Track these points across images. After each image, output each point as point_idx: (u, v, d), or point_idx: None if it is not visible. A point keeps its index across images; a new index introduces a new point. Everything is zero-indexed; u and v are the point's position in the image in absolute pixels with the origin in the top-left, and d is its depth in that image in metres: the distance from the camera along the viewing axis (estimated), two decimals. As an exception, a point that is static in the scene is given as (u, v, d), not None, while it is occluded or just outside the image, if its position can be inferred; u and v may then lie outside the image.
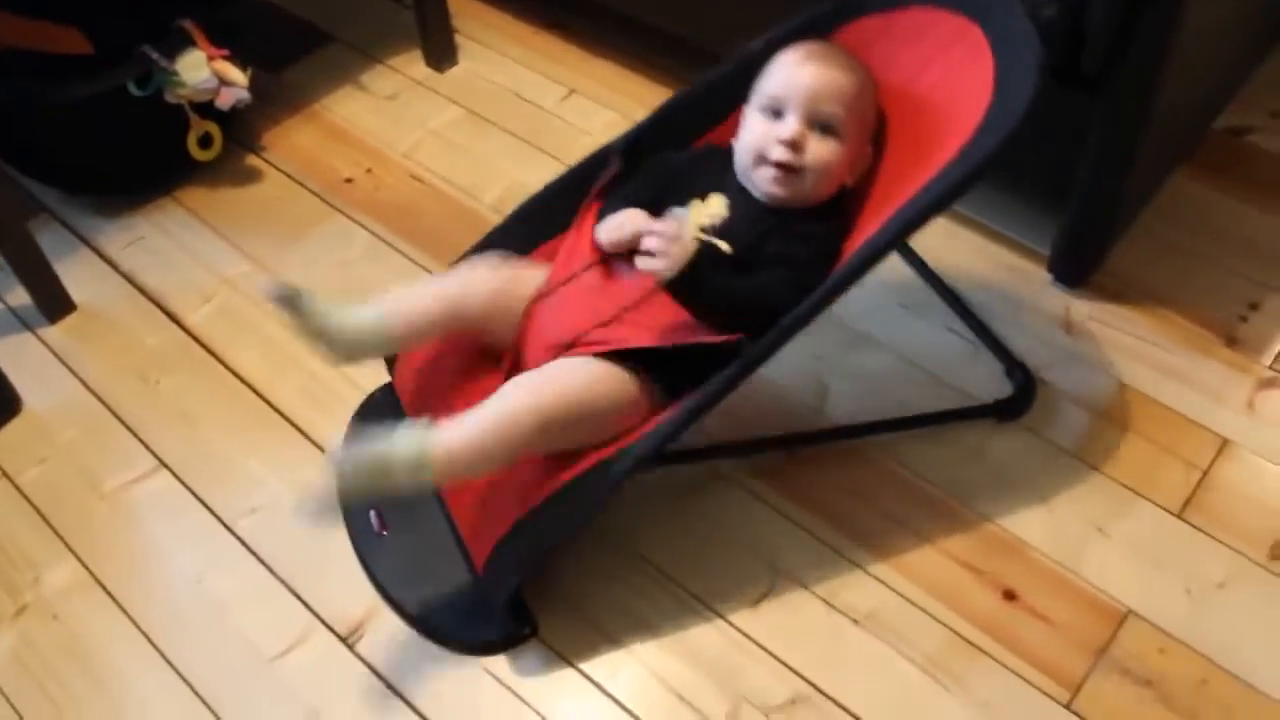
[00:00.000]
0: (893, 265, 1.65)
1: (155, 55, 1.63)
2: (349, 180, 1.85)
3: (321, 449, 1.49)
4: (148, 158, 1.81)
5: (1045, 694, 1.25)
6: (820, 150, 1.25)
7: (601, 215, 1.33)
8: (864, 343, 1.59)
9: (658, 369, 1.24)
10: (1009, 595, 1.33)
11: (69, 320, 1.66)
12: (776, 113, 1.27)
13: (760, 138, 1.27)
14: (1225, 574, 1.34)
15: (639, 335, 1.24)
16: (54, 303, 1.66)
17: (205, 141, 1.80)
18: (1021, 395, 1.50)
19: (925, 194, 1.18)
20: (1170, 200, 1.74)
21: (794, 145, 1.24)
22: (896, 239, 1.20)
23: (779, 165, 1.25)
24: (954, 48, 1.28)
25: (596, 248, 1.32)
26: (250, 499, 1.45)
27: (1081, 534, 1.38)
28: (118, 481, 1.48)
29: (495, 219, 1.67)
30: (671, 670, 1.28)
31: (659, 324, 1.25)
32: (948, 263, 1.65)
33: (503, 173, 1.84)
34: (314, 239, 1.76)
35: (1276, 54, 1.98)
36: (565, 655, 1.30)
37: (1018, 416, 1.49)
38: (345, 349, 1.26)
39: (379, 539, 1.38)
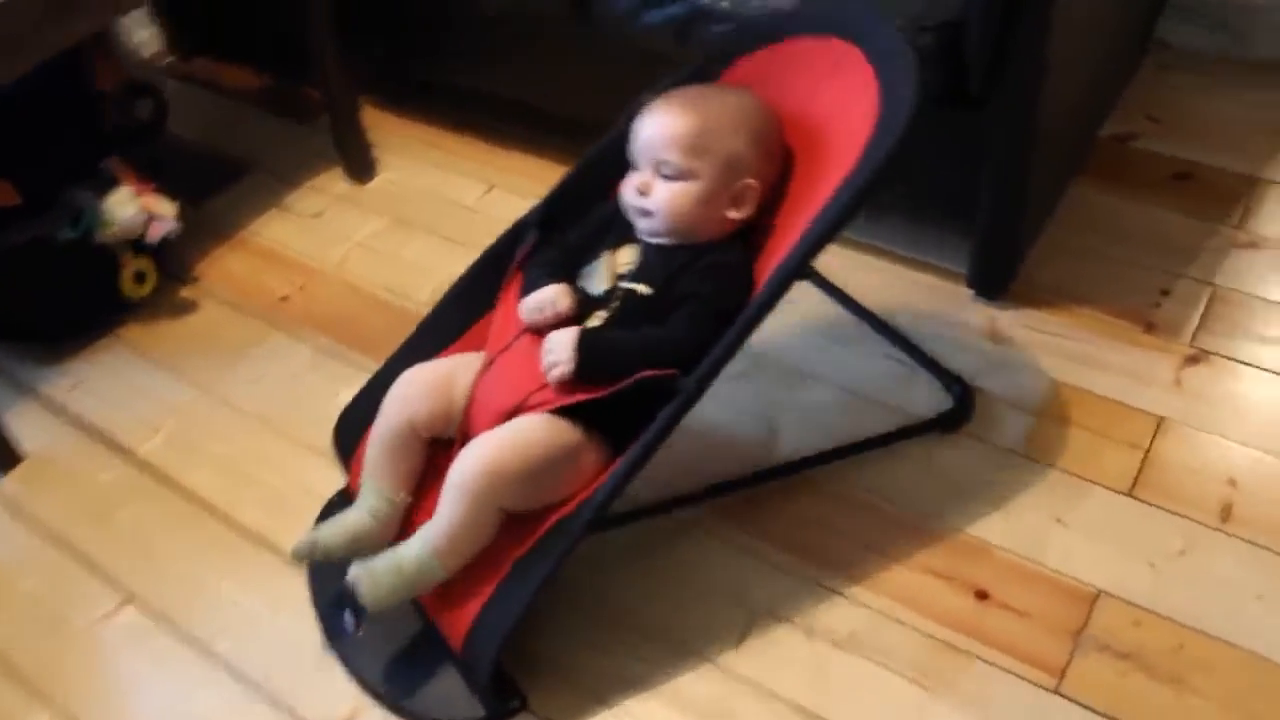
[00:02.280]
0: (820, 302, 1.70)
1: (82, 197, 1.66)
2: (285, 298, 1.89)
3: (285, 558, 1.49)
4: (82, 302, 1.83)
5: (1033, 683, 1.27)
6: (664, 192, 1.32)
7: (524, 286, 1.37)
8: (804, 379, 1.64)
9: (603, 420, 1.28)
10: (981, 595, 1.36)
11: (19, 471, 1.66)
12: (637, 165, 1.36)
13: (624, 187, 1.36)
14: (1183, 542, 1.39)
15: (578, 390, 1.27)
16: (2, 456, 1.65)
17: (140, 278, 1.82)
18: (961, 406, 1.55)
19: (825, 213, 1.23)
20: (1072, 207, 1.84)
21: (640, 191, 1.33)
22: (805, 259, 1.24)
23: (636, 209, 1.34)
24: (838, 71, 1.34)
25: None
26: (223, 618, 1.44)
27: (1041, 526, 1.42)
28: (85, 621, 1.46)
29: (431, 315, 1.71)
30: None
31: None
32: (872, 293, 1.71)
33: (434, 272, 1.88)
34: (257, 358, 1.79)
35: (1147, 64, 2.12)
36: (559, 721, 1.31)
37: (961, 426, 1.54)
38: (378, 540, 1.35)
39: (354, 636, 1.38)
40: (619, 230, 1.38)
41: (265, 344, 1.81)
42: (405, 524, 1.38)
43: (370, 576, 1.25)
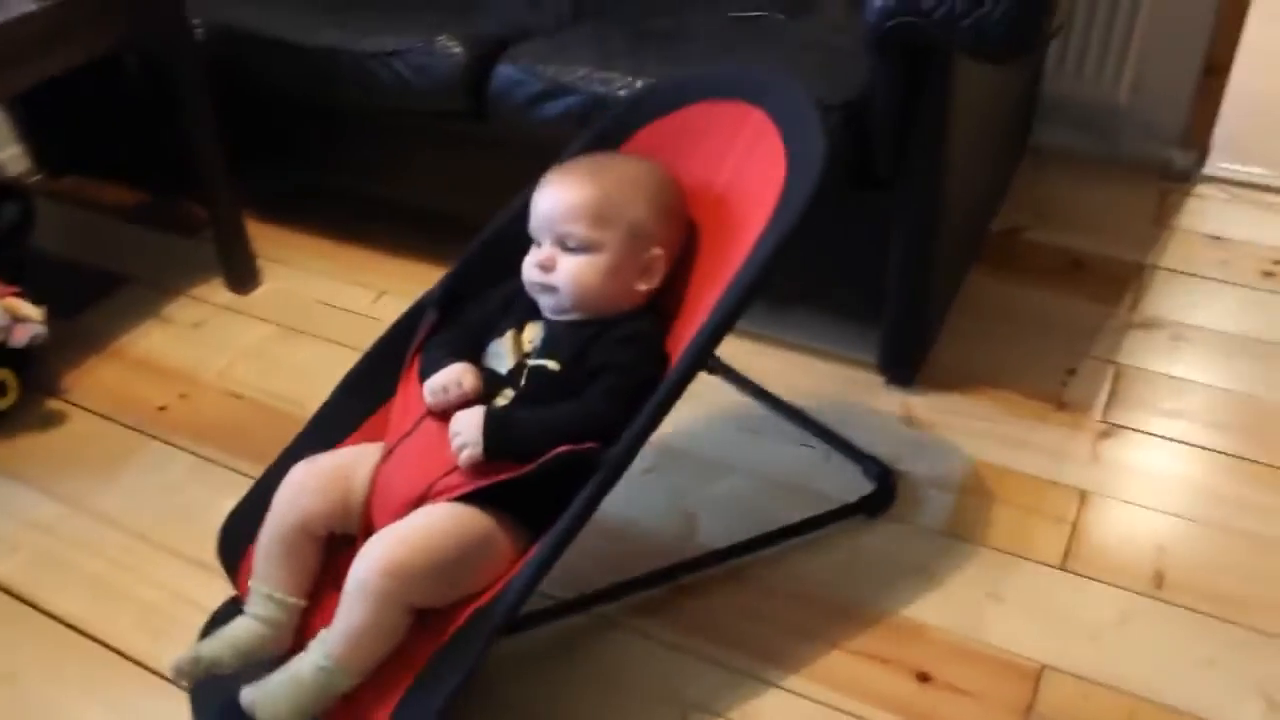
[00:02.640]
0: (728, 394, 1.68)
1: (-64, 302, 1.54)
2: (163, 408, 1.76)
3: (164, 678, 1.34)
4: (-67, 416, 1.67)
5: (986, 765, 1.20)
6: (569, 267, 1.25)
7: (424, 367, 1.29)
8: (720, 471, 1.58)
9: (516, 503, 1.19)
10: (923, 677, 1.30)
11: None
12: (539, 240, 1.29)
13: (526, 264, 1.28)
14: (1121, 612, 1.36)
15: (491, 472, 1.18)
16: None
17: (-1, 390, 1.69)
18: (883, 488, 1.52)
19: (741, 275, 1.18)
20: (972, 296, 1.87)
21: (543, 267, 1.26)
22: (725, 324, 1.17)
23: (538, 285, 1.26)
24: (741, 134, 1.31)
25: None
26: (92, 751, 1.28)
27: (976, 604, 1.37)
28: (-75, 766, 1.28)
29: (325, 421, 1.61)
30: (598, 831, 1.17)
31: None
32: (782, 385, 1.68)
33: (326, 378, 1.71)
34: (131, 470, 1.64)
35: (1026, 164, 2.21)
36: (484, 842, 1.18)
37: (885, 509, 1.50)
38: (271, 649, 1.23)
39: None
40: (522, 308, 1.30)
41: (139, 455, 1.67)
42: (301, 630, 1.25)
43: (266, 697, 1.13)
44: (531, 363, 1.25)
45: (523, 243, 1.32)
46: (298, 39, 1.84)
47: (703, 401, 1.66)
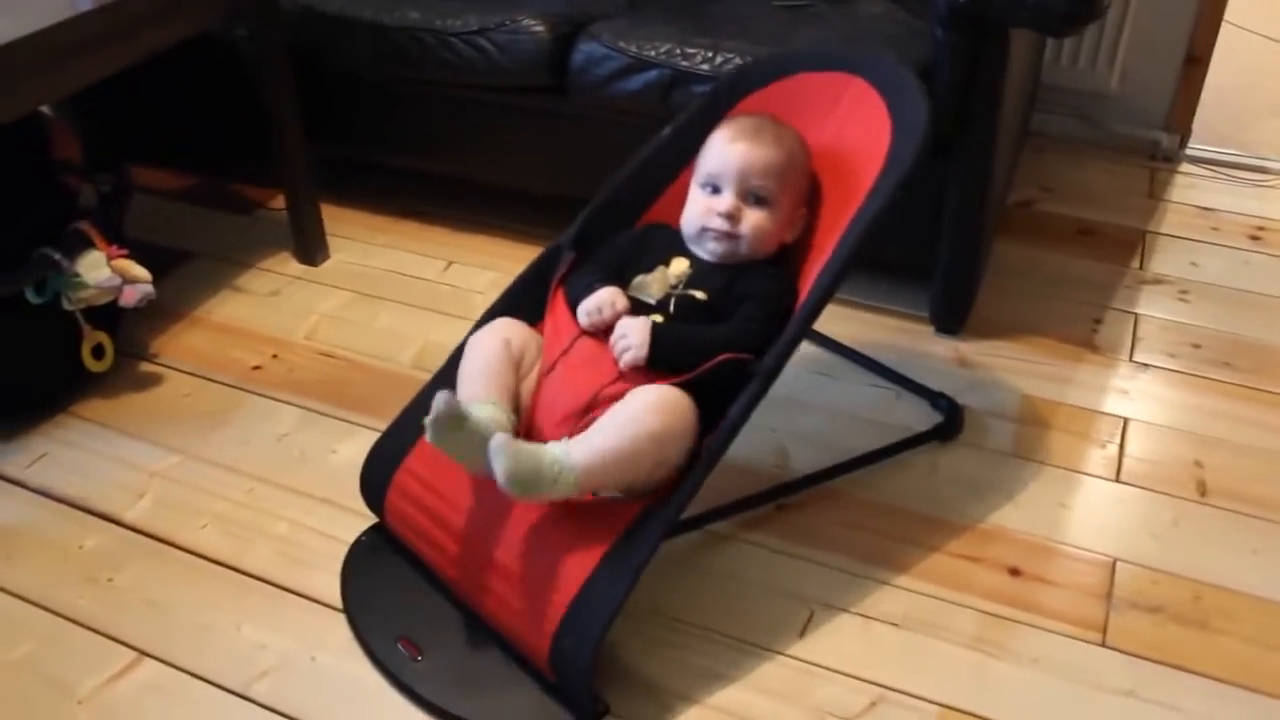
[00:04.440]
0: (804, 346, 1.81)
1: (56, 256, 1.60)
2: (258, 368, 1.84)
3: (312, 600, 1.43)
4: (39, 373, 1.72)
5: (1081, 640, 1.37)
6: (754, 219, 1.40)
7: (572, 296, 1.41)
8: (802, 408, 1.73)
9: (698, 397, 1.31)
10: (1014, 572, 1.46)
11: (-16, 545, 1.52)
12: (715, 188, 1.42)
13: (703, 210, 1.42)
14: (1174, 515, 1.54)
15: (649, 379, 1.30)
16: (-37, 531, 1.51)
17: (98, 352, 1.74)
18: (952, 417, 1.68)
19: (870, 201, 1.34)
20: (1000, 261, 2.06)
21: (730, 217, 1.40)
22: (853, 253, 1.33)
23: (720, 233, 1.40)
24: (843, 98, 1.48)
25: (578, 324, 1.40)
26: (256, 663, 1.35)
27: (1049, 511, 1.55)
28: (95, 681, 1.33)
29: (419, 375, 1.71)
30: (750, 708, 1.29)
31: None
32: (846, 337, 1.85)
33: (411, 336, 1.89)
34: (239, 422, 1.72)
35: (1029, 145, 2.44)
36: (645, 722, 1.29)
37: (956, 435, 1.67)
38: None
39: (415, 664, 1.33)
40: (663, 246, 1.44)
41: (244, 408, 1.75)
42: None
43: (515, 451, 1.21)
44: (679, 292, 1.38)
45: (652, 190, 1.48)
46: (379, 19, 1.95)
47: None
